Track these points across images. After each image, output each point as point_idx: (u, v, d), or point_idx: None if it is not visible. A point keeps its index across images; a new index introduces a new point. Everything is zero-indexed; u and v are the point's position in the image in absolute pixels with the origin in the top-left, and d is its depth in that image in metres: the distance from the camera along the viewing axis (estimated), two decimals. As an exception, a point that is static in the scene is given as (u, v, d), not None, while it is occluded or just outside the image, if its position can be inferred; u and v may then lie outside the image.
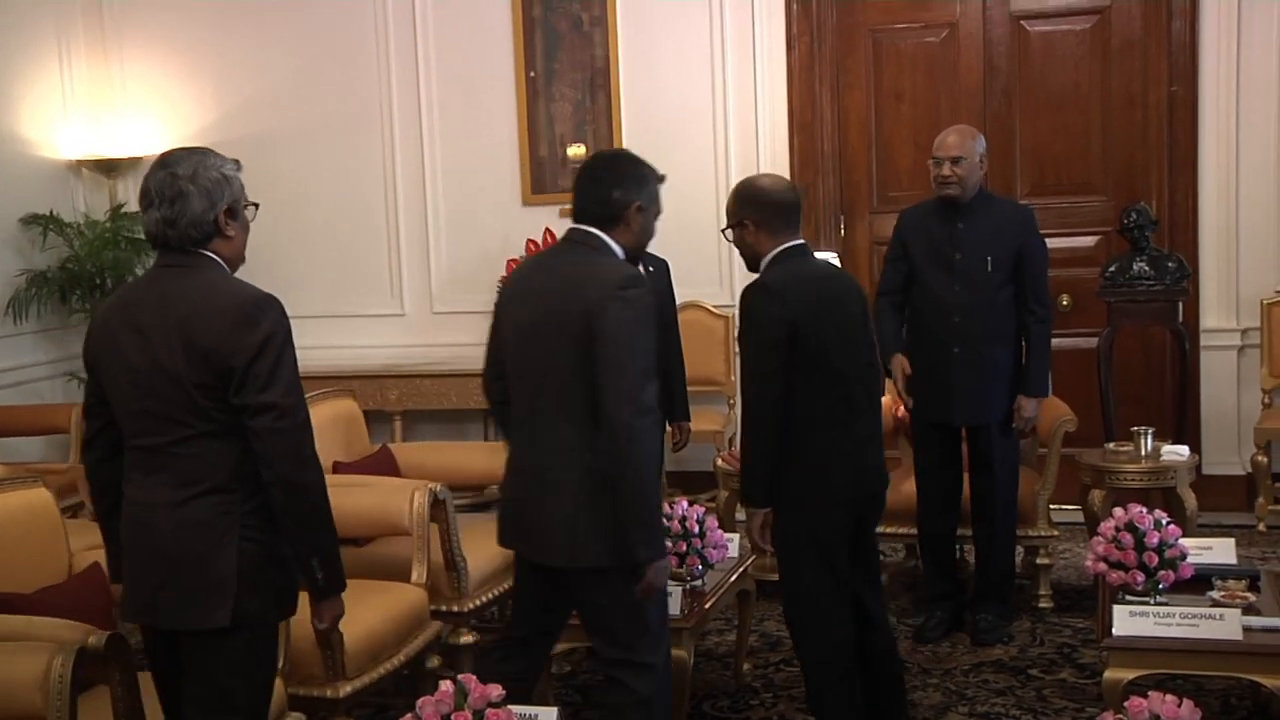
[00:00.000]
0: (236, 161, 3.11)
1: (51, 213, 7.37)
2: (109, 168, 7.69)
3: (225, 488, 2.94)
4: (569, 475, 3.31)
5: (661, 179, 3.55)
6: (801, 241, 3.89)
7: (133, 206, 7.73)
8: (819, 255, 4.20)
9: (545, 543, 3.37)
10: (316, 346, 7.47)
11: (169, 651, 3.07)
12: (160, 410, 2.93)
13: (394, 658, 4.14)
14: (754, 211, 3.87)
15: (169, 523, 2.94)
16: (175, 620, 2.98)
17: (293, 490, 2.91)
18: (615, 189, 3.41)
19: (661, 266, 5.24)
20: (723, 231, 4.03)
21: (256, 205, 3.15)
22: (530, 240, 7.25)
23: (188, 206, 2.95)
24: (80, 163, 7.68)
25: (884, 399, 5.67)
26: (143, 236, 7.47)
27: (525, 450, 3.42)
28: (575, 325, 3.25)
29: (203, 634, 2.95)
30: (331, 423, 5.29)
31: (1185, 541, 4.06)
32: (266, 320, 2.90)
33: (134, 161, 7.74)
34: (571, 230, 3.46)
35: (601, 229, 3.40)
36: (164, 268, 3.01)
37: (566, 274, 3.36)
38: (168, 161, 3.01)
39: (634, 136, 7.19)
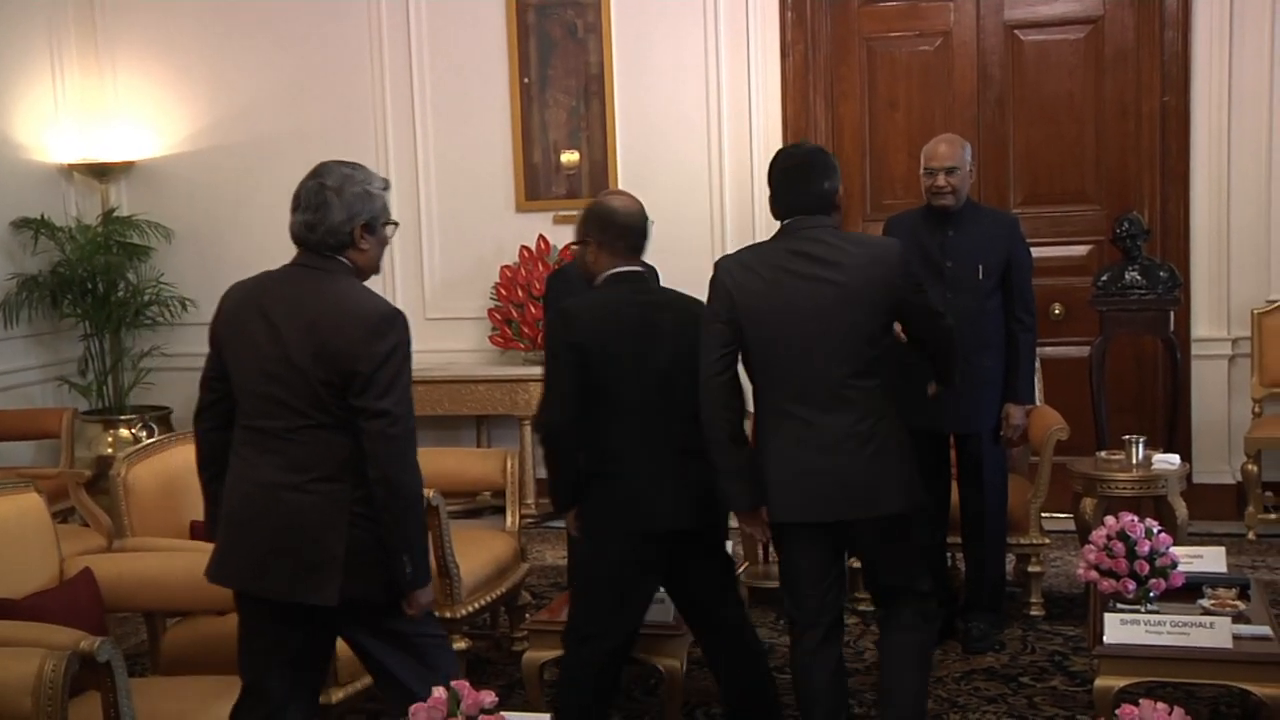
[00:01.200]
0: (386, 180, 3.36)
1: (43, 217, 7.37)
2: (101, 172, 7.69)
3: (334, 477, 3.16)
4: (889, 429, 3.68)
5: None
6: (638, 269, 3.92)
7: (124, 211, 7.74)
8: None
9: (878, 495, 3.65)
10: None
11: (277, 619, 3.24)
12: (283, 397, 3.16)
13: (386, 664, 4.12)
14: (598, 232, 3.92)
15: (283, 503, 3.16)
16: (284, 593, 3.18)
17: (393, 489, 3.12)
18: (825, 180, 3.74)
19: (652, 273, 5.23)
20: (570, 246, 4.05)
21: (397, 224, 3.38)
22: (524, 246, 7.25)
23: (328, 215, 3.20)
24: (72, 167, 7.67)
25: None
26: (134, 241, 7.57)
27: (814, 423, 3.64)
28: (873, 300, 3.63)
29: (313, 609, 3.17)
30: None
31: (1176, 550, 4.06)
32: (394, 333, 3.15)
33: (126, 166, 7.75)
34: (793, 223, 3.73)
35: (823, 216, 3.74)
36: (300, 266, 3.27)
37: (836, 255, 3.66)
38: (320, 172, 3.26)
39: (628, 144, 7.20)
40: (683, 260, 6.84)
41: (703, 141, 7.14)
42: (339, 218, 3.20)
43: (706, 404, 3.69)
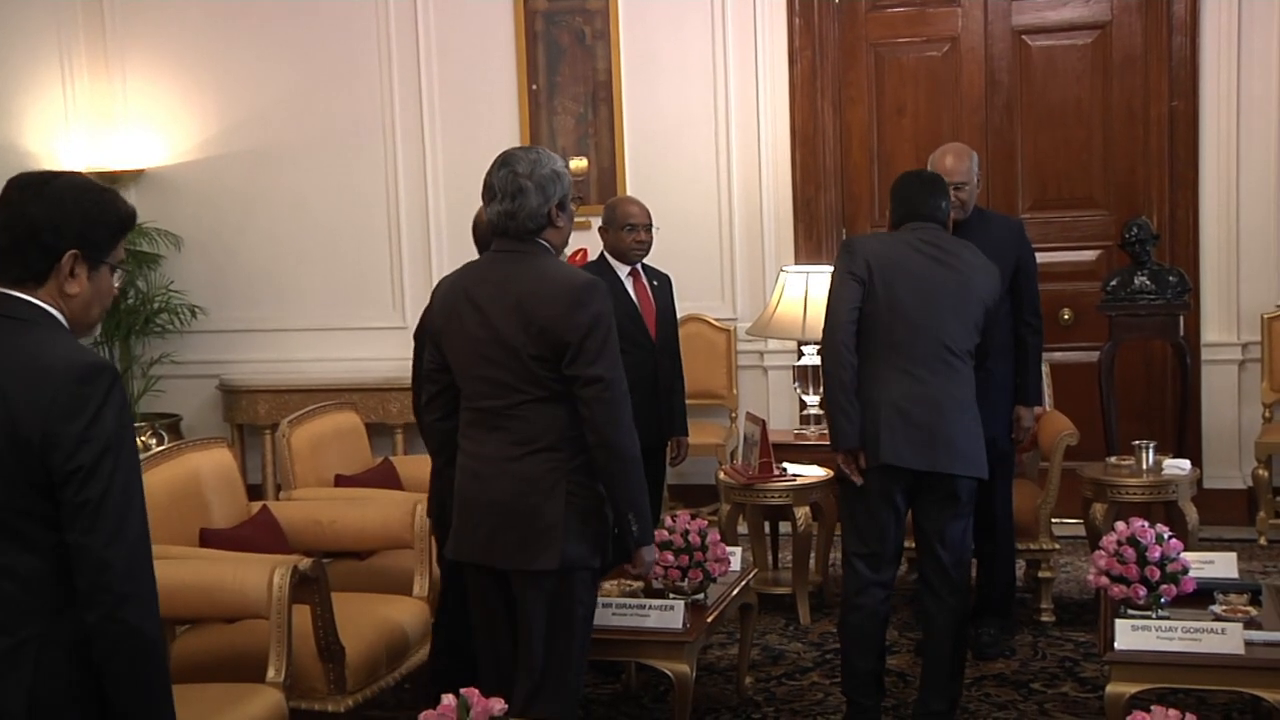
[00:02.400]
0: (563, 157, 3.40)
1: (53, 225, 7.37)
2: (110, 180, 7.67)
3: (554, 447, 3.32)
4: (968, 397, 4.16)
5: None
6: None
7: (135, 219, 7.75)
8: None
9: (955, 454, 4.09)
10: (318, 359, 7.48)
11: (500, 590, 3.43)
12: (500, 377, 3.32)
13: (396, 671, 4.14)
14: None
15: (506, 476, 3.34)
16: (510, 561, 3.35)
17: (612, 452, 3.29)
18: (943, 200, 4.31)
19: (665, 281, 5.24)
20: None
21: (581, 199, 3.40)
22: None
23: (526, 201, 3.35)
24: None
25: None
26: (143, 248, 7.58)
27: (925, 382, 4.09)
28: (980, 299, 4.18)
29: (532, 574, 3.32)
30: (333, 436, 5.30)
31: (1187, 555, 4.05)
32: (595, 302, 3.29)
33: (135, 174, 7.76)
34: (913, 225, 4.24)
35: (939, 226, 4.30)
36: (501, 253, 3.41)
37: (957, 251, 4.23)
38: (508, 160, 3.41)
39: (636, 150, 7.19)
40: (691, 266, 6.89)
41: (711, 147, 7.14)
42: (536, 202, 3.35)
43: (836, 347, 4.12)
